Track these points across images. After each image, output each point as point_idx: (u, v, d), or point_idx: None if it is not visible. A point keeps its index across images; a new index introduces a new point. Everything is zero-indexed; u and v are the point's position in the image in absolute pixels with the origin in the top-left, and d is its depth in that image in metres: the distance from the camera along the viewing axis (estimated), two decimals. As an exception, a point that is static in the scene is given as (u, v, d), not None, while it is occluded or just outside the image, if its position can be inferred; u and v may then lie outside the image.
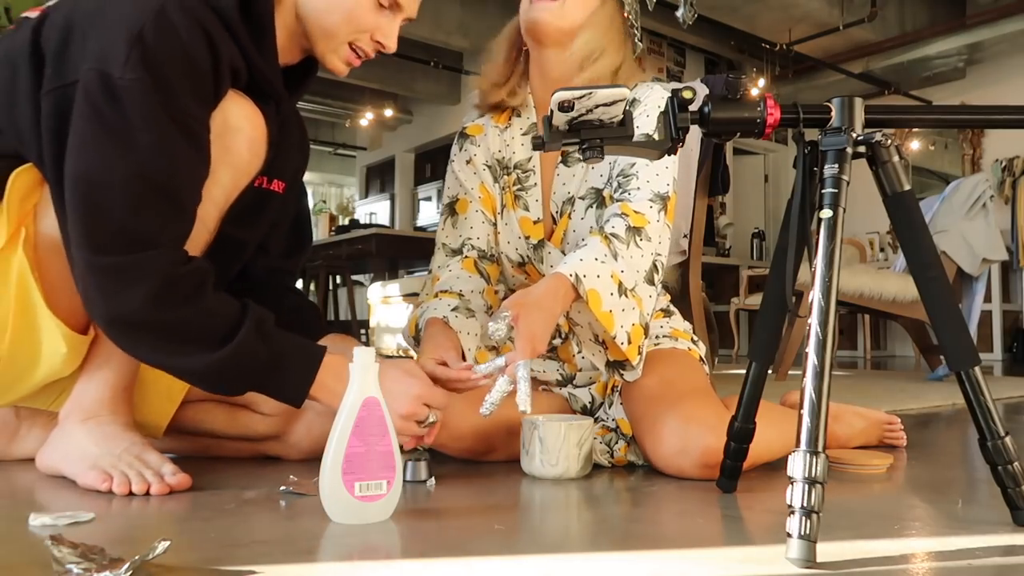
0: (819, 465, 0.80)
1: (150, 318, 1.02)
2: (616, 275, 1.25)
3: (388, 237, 6.00)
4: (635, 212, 1.31)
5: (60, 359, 1.14)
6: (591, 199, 1.42)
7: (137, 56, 0.99)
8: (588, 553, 0.84)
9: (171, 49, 1.02)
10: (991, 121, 1.08)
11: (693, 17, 4.44)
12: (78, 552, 0.72)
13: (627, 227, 1.29)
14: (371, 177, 10.05)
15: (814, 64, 6.78)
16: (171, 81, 1.02)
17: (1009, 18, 6.03)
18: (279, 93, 1.24)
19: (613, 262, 1.26)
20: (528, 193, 1.47)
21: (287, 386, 1.10)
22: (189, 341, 1.04)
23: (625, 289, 1.26)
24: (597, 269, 1.23)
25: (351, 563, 0.81)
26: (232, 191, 1.16)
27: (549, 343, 1.46)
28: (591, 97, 0.91)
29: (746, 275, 6.24)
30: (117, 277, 1.00)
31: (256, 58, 1.16)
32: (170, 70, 1.01)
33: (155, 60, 1.00)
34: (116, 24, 1.02)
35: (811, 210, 0.94)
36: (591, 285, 1.22)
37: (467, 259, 1.50)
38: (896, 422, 1.60)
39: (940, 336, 0.94)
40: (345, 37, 1.23)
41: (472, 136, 1.56)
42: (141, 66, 0.99)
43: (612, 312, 1.24)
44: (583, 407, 1.45)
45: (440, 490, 1.16)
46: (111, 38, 1.01)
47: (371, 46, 1.25)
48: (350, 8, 1.21)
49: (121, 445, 1.14)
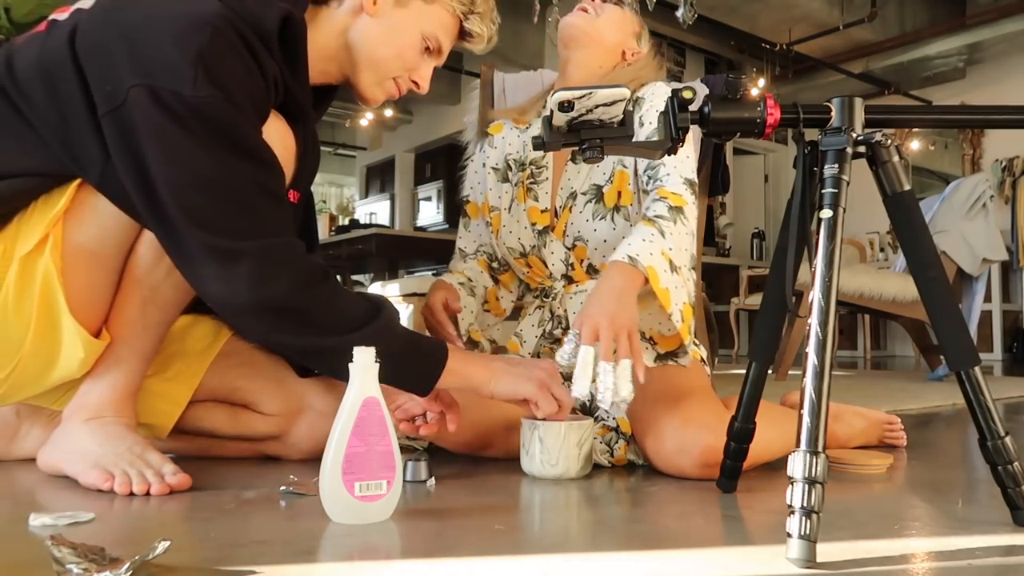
0: (819, 465, 0.80)
1: (298, 301, 1.04)
2: (666, 252, 1.28)
3: (388, 237, 6.00)
4: (673, 193, 1.37)
5: (77, 362, 1.14)
6: (591, 195, 1.49)
7: (204, 75, 1.00)
8: (588, 553, 0.84)
9: (232, 68, 1.03)
10: (991, 121, 1.08)
11: (693, 17, 4.44)
12: (78, 552, 0.72)
13: (669, 207, 1.34)
14: (371, 177, 10.04)
15: (814, 64, 6.78)
16: (237, 97, 1.03)
17: (1009, 18, 6.03)
18: (307, 115, 1.26)
19: (661, 239, 1.28)
20: (539, 186, 1.55)
21: (422, 372, 1.13)
22: (333, 322, 1.06)
23: (675, 267, 1.29)
24: (648, 248, 1.26)
25: (351, 563, 0.81)
26: None
27: (551, 334, 1.53)
28: (591, 97, 0.91)
29: (746, 275, 6.24)
30: (263, 263, 1.02)
31: (290, 79, 1.18)
32: (235, 87, 1.03)
33: (221, 78, 1.01)
34: (169, 43, 1.01)
35: (811, 210, 0.94)
36: (648, 263, 1.23)
37: (480, 259, 1.65)
38: (896, 422, 1.61)
39: (940, 336, 0.94)
40: (392, 72, 1.27)
41: (491, 136, 1.66)
42: (210, 85, 1.00)
43: (668, 289, 1.25)
44: (582, 405, 1.45)
45: (440, 490, 1.16)
46: (166, 57, 1.00)
47: (408, 85, 1.30)
48: (403, 45, 1.25)
49: (123, 445, 1.15)
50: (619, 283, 1.21)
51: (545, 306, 1.56)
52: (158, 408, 1.30)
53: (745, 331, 7.12)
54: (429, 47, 1.27)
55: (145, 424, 1.31)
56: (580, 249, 1.50)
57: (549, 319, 1.55)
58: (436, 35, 1.27)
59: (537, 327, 1.56)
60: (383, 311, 1.09)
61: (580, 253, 1.50)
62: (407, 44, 1.26)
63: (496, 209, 1.60)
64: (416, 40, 1.26)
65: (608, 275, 1.23)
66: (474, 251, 1.65)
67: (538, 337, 1.56)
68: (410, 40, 1.26)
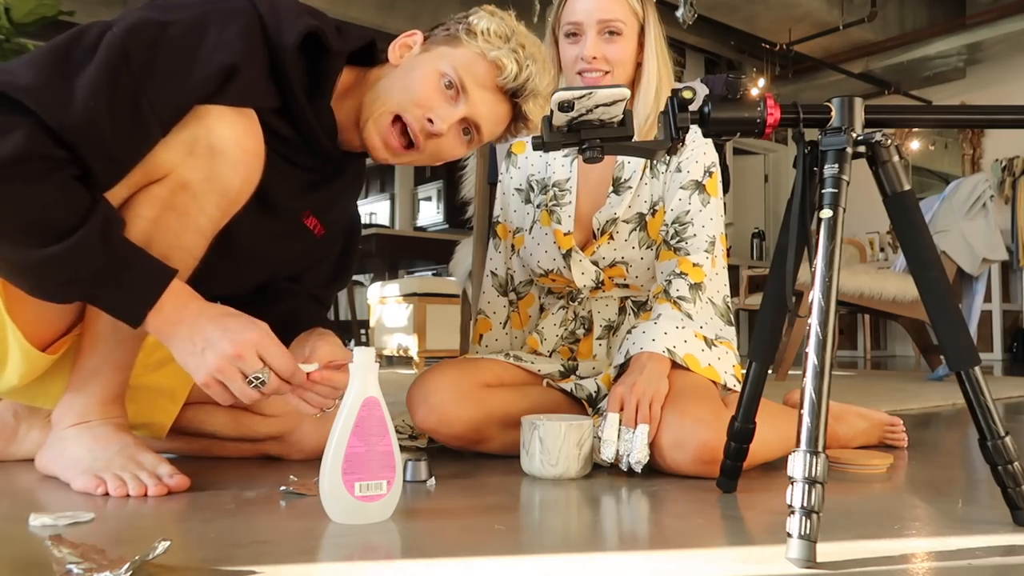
0: (819, 465, 0.80)
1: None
2: (698, 333, 1.39)
3: (388, 237, 6.00)
4: (694, 266, 1.45)
5: (17, 374, 1.12)
6: (635, 223, 1.51)
7: (141, 25, 0.98)
8: (588, 553, 0.84)
9: (179, 37, 1.00)
10: (991, 121, 1.08)
11: (693, 17, 4.44)
12: (78, 552, 0.72)
13: (689, 286, 1.43)
14: (371, 177, 10.03)
15: (814, 64, 6.78)
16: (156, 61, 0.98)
17: (1009, 18, 6.03)
18: (326, 151, 1.20)
19: (690, 321, 1.40)
20: (562, 209, 1.55)
21: (123, 302, 1.00)
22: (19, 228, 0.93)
23: (711, 341, 1.40)
24: (682, 335, 1.37)
25: (351, 563, 0.81)
26: (220, 219, 1.09)
27: (573, 334, 1.57)
28: (591, 97, 0.91)
29: (746, 275, 6.23)
30: None
31: (303, 104, 1.12)
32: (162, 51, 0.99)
33: (153, 37, 0.98)
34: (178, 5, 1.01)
35: (811, 210, 0.94)
36: (685, 351, 1.35)
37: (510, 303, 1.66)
38: (898, 423, 1.61)
39: (940, 336, 0.94)
40: (395, 106, 1.15)
41: (516, 156, 1.66)
42: (137, 35, 0.97)
43: (712, 365, 1.37)
44: (588, 396, 1.46)
45: (440, 490, 1.16)
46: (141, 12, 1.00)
47: (420, 123, 1.15)
48: (416, 81, 1.15)
49: (114, 447, 1.12)
50: (654, 368, 1.31)
51: (569, 308, 1.57)
52: (159, 405, 1.30)
53: (745, 331, 7.11)
54: (448, 83, 1.15)
55: (144, 424, 1.31)
56: (617, 269, 1.52)
57: (573, 319, 1.56)
58: (455, 69, 1.15)
59: (559, 327, 1.58)
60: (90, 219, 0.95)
61: (616, 272, 1.52)
62: (420, 78, 1.15)
63: (521, 230, 1.61)
64: (430, 74, 1.15)
65: (646, 364, 1.31)
66: (504, 272, 1.66)
67: (559, 336, 1.57)
68: (423, 74, 1.15)
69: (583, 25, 1.45)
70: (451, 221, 8.12)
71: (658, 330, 1.36)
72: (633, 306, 1.55)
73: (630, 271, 1.51)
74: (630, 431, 1.24)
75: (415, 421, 1.37)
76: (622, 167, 1.51)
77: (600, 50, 1.44)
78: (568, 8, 1.47)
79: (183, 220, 1.06)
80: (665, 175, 1.51)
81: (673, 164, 1.50)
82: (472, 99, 1.17)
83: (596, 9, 1.44)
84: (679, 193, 1.48)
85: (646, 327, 1.38)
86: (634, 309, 1.55)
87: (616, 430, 1.24)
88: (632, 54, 1.48)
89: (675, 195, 1.48)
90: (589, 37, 1.45)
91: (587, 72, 1.45)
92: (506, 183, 1.66)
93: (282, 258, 1.30)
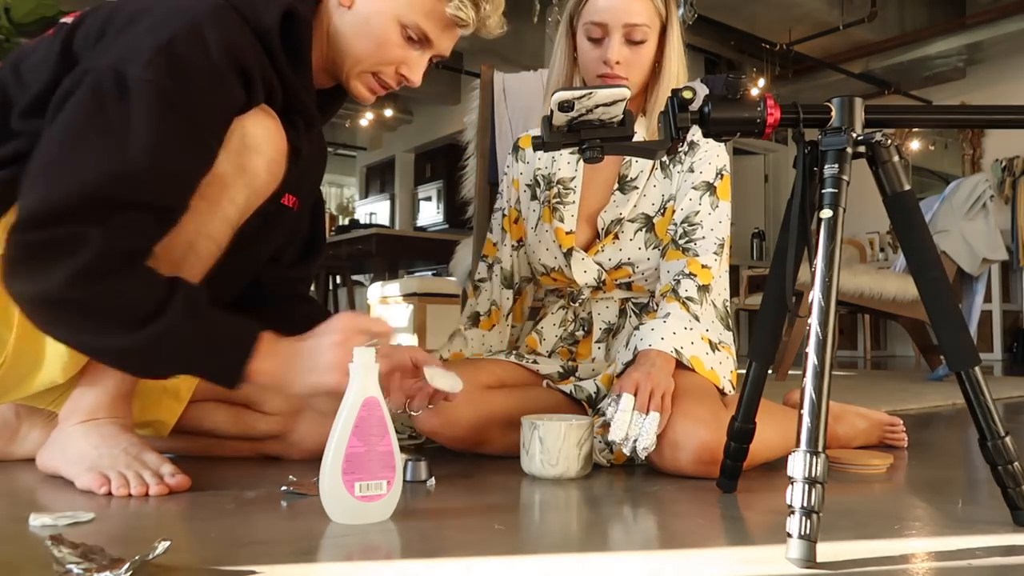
0: (819, 465, 0.80)
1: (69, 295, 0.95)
2: (704, 336, 1.40)
3: (388, 237, 6.00)
4: (702, 267, 1.44)
5: (59, 366, 1.13)
6: (641, 223, 1.50)
7: (160, 62, 0.98)
8: (588, 553, 0.84)
9: (196, 62, 1.01)
10: (991, 121, 1.08)
11: (693, 17, 4.44)
12: (78, 552, 0.72)
13: (697, 287, 1.43)
14: (371, 177, 10.04)
15: (814, 64, 6.77)
16: (189, 92, 1.00)
17: (1009, 18, 6.03)
18: (312, 115, 1.24)
19: (697, 323, 1.40)
20: (565, 207, 1.54)
21: (220, 368, 1.05)
22: (111, 319, 0.98)
23: (714, 345, 1.41)
24: (689, 337, 1.37)
25: (351, 563, 0.81)
26: (246, 210, 1.15)
27: (573, 335, 1.57)
28: (591, 97, 0.91)
29: (746, 275, 6.24)
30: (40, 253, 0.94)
31: (293, 81, 1.16)
32: (192, 82, 1.00)
33: (177, 69, 0.99)
34: (146, 31, 1.01)
35: (811, 210, 0.94)
36: (691, 353, 1.35)
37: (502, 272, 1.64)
38: (898, 424, 1.61)
39: (940, 336, 0.94)
40: (371, 65, 1.22)
41: (522, 150, 1.64)
42: (162, 71, 0.98)
43: (714, 369, 1.38)
44: (588, 396, 1.46)
45: (440, 490, 1.16)
46: (137, 43, 1.00)
47: (395, 79, 1.24)
48: (380, 37, 1.19)
49: (119, 445, 1.14)
50: (662, 364, 1.31)
51: (569, 308, 1.57)
52: (163, 404, 1.30)
53: (745, 331, 7.11)
54: (412, 36, 1.20)
55: (147, 423, 1.31)
56: (623, 271, 1.51)
57: (572, 320, 1.56)
58: (416, 22, 1.19)
59: (559, 327, 1.58)
60: (173, 299, 0.99)
61: (620, 273, 1.51)
62: (383, 34, 1.19)
63: (527, 224, 1.61)
64: (391, 29, 1.19)
65: (653, 360, 1.31)
66: (510, 265, 1.63)
67: (559, 337, 1.57)
68: (384, 29, 1.19)
69: (608, 27, 1.41)
70: (451, 221, 8.12)
71: (667, 329, 1.36)
72: (634, 308, 1.55)
73: (636, 272, 1.51)
74: (642, 417, 1.21)
75: (417, 423, 1.37)
76: (629, 166, 1.51)
77: (624, 55, 1.42)
78: (591, 5, 1.43)
79: (212, 209, 1.10)
80: (678, 174, 1.50)
81: (686, 163, 1.50)
82: (436, 43, 1.23)
83: (622, 11, 1.40)
84: (690, 193, 1.47)
85: (655, 324, 1.37)
86: (635, 311, 1.54)
87: (630, 413, 1.22)
88: (652, 57, 1.46)
89: (686, 195, 1.48)
90: (614, 40, 1.41)
91: (608, 76, 1.42)
92: (511, 175, 1.64)
93: (272, 242, 1.32)
